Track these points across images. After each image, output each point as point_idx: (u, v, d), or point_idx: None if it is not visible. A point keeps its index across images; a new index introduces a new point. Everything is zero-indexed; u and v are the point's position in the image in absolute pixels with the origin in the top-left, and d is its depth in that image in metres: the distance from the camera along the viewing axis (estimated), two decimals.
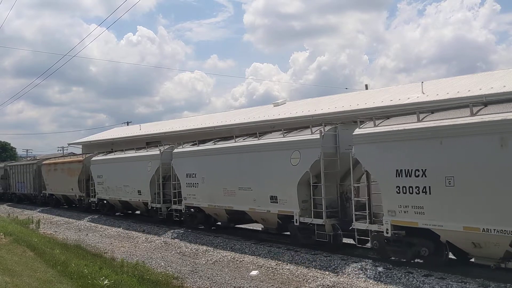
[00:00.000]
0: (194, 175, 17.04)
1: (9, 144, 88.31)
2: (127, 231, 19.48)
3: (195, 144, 17.72)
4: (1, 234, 17.06)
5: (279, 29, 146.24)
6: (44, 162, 33.24)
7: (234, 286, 10.47)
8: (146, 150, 20.90)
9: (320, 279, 10.45)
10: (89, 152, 32.91)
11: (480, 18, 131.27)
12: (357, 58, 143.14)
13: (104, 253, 15.05)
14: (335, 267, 11.36)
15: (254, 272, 11.53)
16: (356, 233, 11.52)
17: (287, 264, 12.11)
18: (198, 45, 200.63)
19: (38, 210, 31.08)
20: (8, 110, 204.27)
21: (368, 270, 10.72)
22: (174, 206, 18.60)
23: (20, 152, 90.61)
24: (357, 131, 11.42)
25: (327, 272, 11.06)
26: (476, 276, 9.57)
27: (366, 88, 34.74)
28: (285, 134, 13.84)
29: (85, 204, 26.39)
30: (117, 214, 24.52)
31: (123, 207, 23.32)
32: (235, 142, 15.64)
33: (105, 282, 9.67)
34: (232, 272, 11.80)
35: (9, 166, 40.09)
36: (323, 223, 12.39)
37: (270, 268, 11.76)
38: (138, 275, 11.01)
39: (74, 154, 39.22)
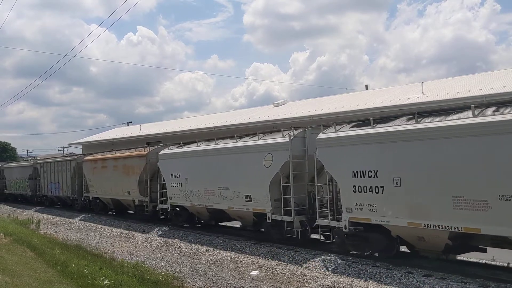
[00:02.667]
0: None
1: (9, 144, 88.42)
2: (127, 231, 19.48)
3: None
4: (1, 234, 17.06)
5: (279, 29, 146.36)
6: (87, 157, 26.78)
7: (234, 286, 10.48)
8: (257, 138, 14.85)
9: (320, 279, 10.46)
10: (89, 152, 32.45)
11: (480, 18, 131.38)
12: (357, 58, 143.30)
13: (104, 253, 15.06)
14: (335, 267, 11.36)
15: (254, 272, 11.54)
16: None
17: (287, 264, 12.11)
18: (198, 45, 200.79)
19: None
20: (9, 111, 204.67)
21: (368, 270, 10.74)
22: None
23: (20, 152, 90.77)
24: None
25: (327, 272, 11.06)
26: (476, 276, 9.57)
27: (366, 89, 34.77)
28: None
29: (148, 211, 20.50)
30: (198, 225, 18.79)
31: (211, 217, 17.51)
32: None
33: (105, 282, 9.67)
34: (232, 272, 11.80)
35: (40, 163, 33.50)
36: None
37: (270, 268, 11.76)
38: (138, 275, 11.02)
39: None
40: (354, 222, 11.47)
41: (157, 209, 19.84)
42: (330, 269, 11.27)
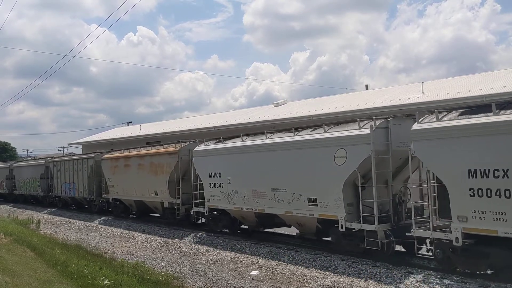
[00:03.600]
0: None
1: (9, 144, 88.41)
2: (127, 231, 19.48)
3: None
4: (2, 234, 17.05)
5: (279, 29, 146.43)
6: (107, 155, 24.44)
7: (234, 286, 10.47)
8: (323, 131, 12.70)
9: (320, 279, 10.45)
10: (88, 152, 32.28)
11: (480, 19, 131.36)
12: (357, 58, 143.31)
13: (104, 253, 15.05)
14: (335, 267, 11.37)
15: (254, 272, 11.53)
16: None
17: (287, 264, 12.10)
18: (198, 45, 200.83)
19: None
20: (9, 110, 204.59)
21: (368, 270, 10.73)
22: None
23: (20, 152, 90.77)
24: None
25: (327, 272, 11.06)
26: (476, 276, 9.57)
27: (367, 88, 34.77)
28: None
29: (180, 215, 18.38)
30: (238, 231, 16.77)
31: (258, 223, 15.37)
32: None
33: (105, 282, 9.67)
34: (232, 272, 11.80)
35: (53, 162, 30.95)
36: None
37: (271, 268, 11.76)
38: (138, 275, 11.01)
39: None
40: (469, 234, 9.34)
41: (191, 213, 17.59)
42: (330, 269, 11.27)
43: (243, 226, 16.36)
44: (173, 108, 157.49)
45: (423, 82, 23.23)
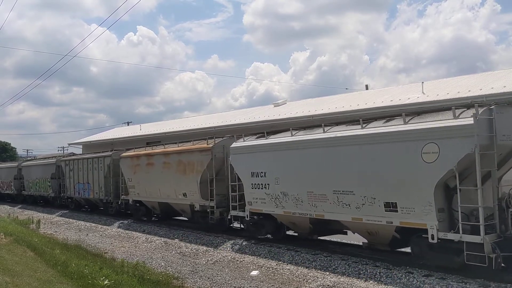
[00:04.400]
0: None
1: (9, 144, 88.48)
2: (127, 231, 19.48)
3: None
4: (2, 234, 17.05)
5: (279, 29, 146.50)
6: (126, 153, 22.31)
7: (234, 286, 10.47)
8: (403, 122, 10.67)
9: (320, 279, 10.45)
10: (89, 151, 32.15)
11: (480, 19, 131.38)
12: (357, 58, 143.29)
13: (105, 253, 15.05)
14: (335, 267, 11.36)
15: (254, 272, 11.53)
16: None
17: (287, 264, 12.10)
18: (198, 45, 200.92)
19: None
20: (9, 110, 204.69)
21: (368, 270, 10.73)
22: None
23: (20, 152, 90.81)
24: None
25: (327, 272, 11.05)
26: (476, 276, 9.56)
27: (367, 88, 34.80)
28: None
29: (214, 219, 16.48)
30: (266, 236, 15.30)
31: (313, 230, 13.51)
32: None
33: (106, 282, 9.66)
34: (232, 272, 11.80)
35: (65, 161, 29.00)
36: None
37: (271, 268, 11.76)
38: (139, 275, 11.01)
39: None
40: None
41: (228, 217, 15.96)
42: (330, 269, 11.26)
43: (289, 233, 14.84)
44: (173, 108, 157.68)
45: (423, 82, 23.25)
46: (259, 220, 14.88)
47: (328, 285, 10.03)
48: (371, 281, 10.09)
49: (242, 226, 15.82)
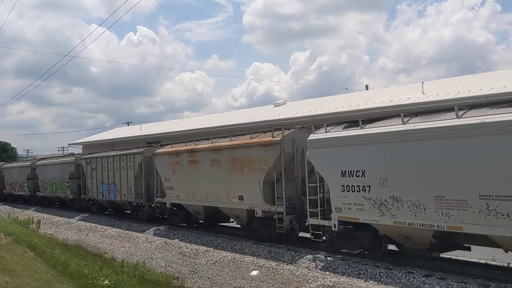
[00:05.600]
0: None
1: (10, 144, 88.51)
2: (127, 231, 19.48)
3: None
4: (2, 234, 17.07)
5: (279, 29, 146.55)
6: (162, 149, 19.59)
7: (234, 286, 10.47)
8: None
9: (320, 279, 10.45)
10: (89, 152, 31.91)
11: (480, 19, 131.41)
12: (357, 58, 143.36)
13: (105, 253, 15.05)
14: (336, 267, 11.36)
15: (254, 272, 11.53)
16: None
17: (287, 264, 12.10)
18: (198, 45, 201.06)
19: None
20: (9, 111, 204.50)
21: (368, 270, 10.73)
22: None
23: (20, 152, 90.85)
24: None
25: (327, 272, 11.06)
26: (476, 276, 9.57)
27: (367, 89, 34.81)
28: None
29: (284, 228, 13.75)
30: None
31: (435, 244, 10.60)
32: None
33: (106, 282, 9.67)
34: (232, 272, 11.80)
35: (86, 159, 26.12)
36: None
37: (271, 268, 11.76)
38: (139, 275, 11.01)
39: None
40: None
41: (306, 225, 13.07)
42: (330, 269, 11.26)
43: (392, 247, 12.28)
44: (174, 108, 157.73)
45: (423, 82, 23.24)
46: (349, 231, 11.92)
47: (328, 285, 10.03)
48: (371, 281, 10.09)
49: (323, 238, 12.70)
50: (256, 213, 14.60)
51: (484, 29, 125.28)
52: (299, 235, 14.04)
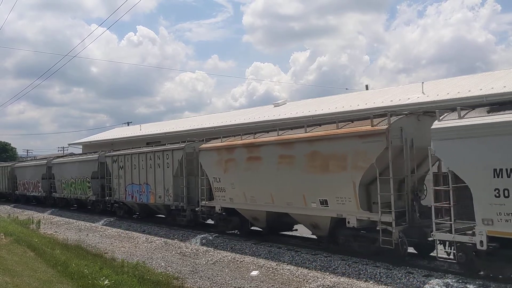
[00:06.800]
0: None
1: (9, 144, 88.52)
2: (127, 231, 19.47)
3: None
4: (2, 234, 17.06)
5: (279, 30, 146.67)
6: (209, 144, 16.80)
7: (234, 287, 10.47)
8: None
9: (320, 279, 10.45)
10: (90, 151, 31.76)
11: (480, 19, 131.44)
12: (357, 58, 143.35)
13: (105, 253, 15.05)
14: (336, 267, 11.36)
15: (254, 273, 11.53)
16: None
17: (287, 264, 12.10)
18: (198, 45, 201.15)
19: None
20: (9, 111, 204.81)
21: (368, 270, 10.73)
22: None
23: (20, 152, 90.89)
24: None
25: (327, 273, 11.06)
26: (476, 277, 9.56)
27: (367, 89, 34.82)
28: None
29: (394, 241, 10.76)
30: None
31: None
32: None
33: (106, 282, 9.67)
34: (232, 272, 11.80)
35: (112, 157, 23.40)
36: None
37: (271, 269, 11.76)
38: (139, 275, 11.01)
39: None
40: None
41: (430, 239, 10.53)
42: (330, 269, 11.26)
43: None
44: (174, 108, 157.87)
45: (423, 82, 23.28)
46: (504, 250, 8.93)
47: (328, 285, 10.04)
48: (371, 281, 10.10)
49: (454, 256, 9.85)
50: (348, 222, 11.61)
51: (484, 29, 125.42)
52: (436, 256, 10.35)
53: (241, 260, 12.89)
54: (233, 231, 16.62)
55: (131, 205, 22.47)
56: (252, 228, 16.15)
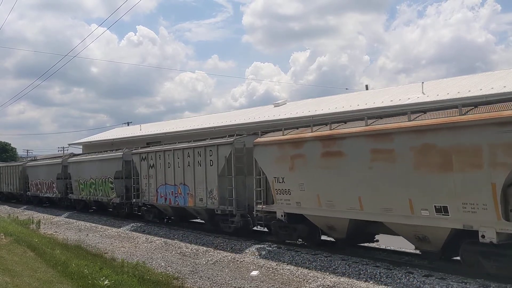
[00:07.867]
0: None
1: (10, 144, 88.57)
2: (127, 231, 19.47)
3: None
4: (2, 234, 17.06)
5: (278, 30, 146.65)
6: (266, 138, 14.17)
7: (234, 287, 10.47)
8: None
9: (320, 279, 10.45)
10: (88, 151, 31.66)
11: (480, 19, 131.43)
12: (357, 58, 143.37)
13: (105, 253, 15.04)
14: (336, 267, 11.36)
15: (254, 273, 11.53)
16: None
17: (287, 264, 12.10)
18: (198, 45, 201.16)
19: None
20: (9, 111, 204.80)
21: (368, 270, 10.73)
22: None
23: (20, 152, 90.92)
24: None
25: (327, 273, 11.05)
26: (476, 276, 9.56)
27: (367, 89, 34.84)
28: None
29: None
30: None
31: None
32: None
33: (106, 282, 9.66)
34: (232, 272, 11.79)
35: (140, 154, 20.81)
36: None
37: (271, 269, 11.76)
38: (139, 275, 11.01)
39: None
40: None
41: None
42: (330, 269, 11.26)
43: None
44: (174, 108, 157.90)
45: (423, 82, 23.31)
46: None
47: (328, 285, 10.03)
48: (371, 281, 10.09)
49: None
50: (483, 236, 8.98)
51: (484, 29, 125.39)
52: None
53: (241, 260, 12.88)
54: (296, 241, 14.09)
55: (164, 208, 19.76)
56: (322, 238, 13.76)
